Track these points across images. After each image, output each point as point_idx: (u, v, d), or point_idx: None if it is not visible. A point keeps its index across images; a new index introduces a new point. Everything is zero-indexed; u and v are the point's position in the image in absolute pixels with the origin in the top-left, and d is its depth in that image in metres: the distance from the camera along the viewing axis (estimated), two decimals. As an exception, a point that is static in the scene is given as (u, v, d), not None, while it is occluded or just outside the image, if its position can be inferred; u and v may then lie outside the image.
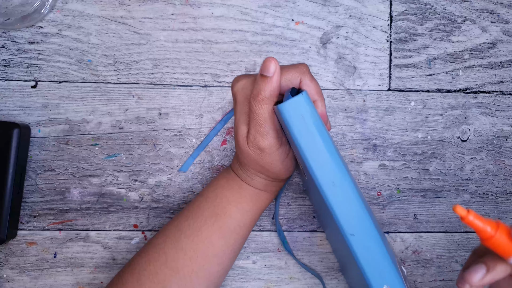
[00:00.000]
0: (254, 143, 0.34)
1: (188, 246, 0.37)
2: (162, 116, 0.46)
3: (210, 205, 0.39)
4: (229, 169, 0.41)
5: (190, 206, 0.40)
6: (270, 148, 0.34)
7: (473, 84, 0.47)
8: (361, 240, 0.29)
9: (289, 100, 0.30)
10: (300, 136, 0.30)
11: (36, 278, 0.44)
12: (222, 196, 0.39)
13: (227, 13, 0.46)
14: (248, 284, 0.45)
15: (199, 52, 0.46)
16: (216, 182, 0.40)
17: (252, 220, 0.40)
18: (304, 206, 0.46)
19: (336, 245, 0.38)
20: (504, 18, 0.48)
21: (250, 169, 0.38)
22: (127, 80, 0.45)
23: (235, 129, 0.36)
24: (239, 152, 0.37)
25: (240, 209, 0.39)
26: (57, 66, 0.45)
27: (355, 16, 0.47)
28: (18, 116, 0.45)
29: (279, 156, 0.35)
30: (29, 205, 0.44)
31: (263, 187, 0.39)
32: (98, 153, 0.45)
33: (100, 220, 0.45)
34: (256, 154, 0.35)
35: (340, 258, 0.41)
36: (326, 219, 0.36)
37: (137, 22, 0.46)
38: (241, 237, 0.40)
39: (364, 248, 0.29)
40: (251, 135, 0.34)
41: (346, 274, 0.43)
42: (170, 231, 0.39)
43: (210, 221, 0.38)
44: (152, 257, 0.37)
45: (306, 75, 0.34)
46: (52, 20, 0.45)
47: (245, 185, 0.39)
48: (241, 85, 0.35)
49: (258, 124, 0.33)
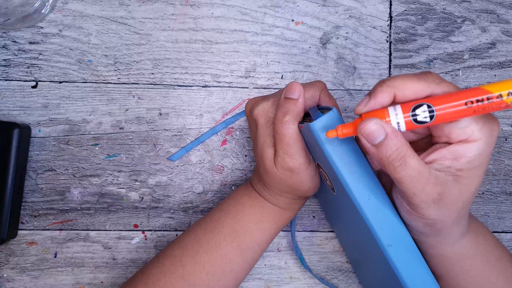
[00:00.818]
0: (283, 165, 0.34)
1: (206, 261, 0.37)
2: (162, 116, 0.46)
3: (230, 221, 0.38)
4: (249, 186, 0.40)
5: (208, 219, 0.39)
6: (299, 168, 0.34)
7: (472, 84, 0.47)
8: (399, 250, 0.30)
9: (321, 118, 0.30)
10: (334, 153, 0.30)
11: (37, 278, 0.44)
12: (242, 213, 0.38)
13: (227, 13, 0.46)
14: (248, 284, 0.45)
15: (199, 52, 0.46)
16: (237, 198, 0.40)
17: (271, 238, 0.40)
18: (304, 206, 0.46)
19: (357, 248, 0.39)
20: (504, 18, 0.48)
21: (277, 190, 0.37)
22: (127, 80, 0.46)
23: (258, 152, 0.36)
24: (264, 174, 0.36)
25: (261, 228, 0.38)
26: (57, 66, 0.45)
27: (355, 16, 0.47)
28: (19, 116, 0.45)
29: (308, 175, 0.35)
30: (29, 205, 0.45)
31: (287, 206, 0.39)
32: (99, 153, 0.45)
33: (100, 220, 0.45)
34: (285, 175, 0.35)
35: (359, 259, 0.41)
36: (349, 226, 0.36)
37: (137, 22, 0.46)
38: (258, 254, 0.40)
39: (403, 258, 0.30)
40: (279, 157, 0.34)
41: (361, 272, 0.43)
42: (188, 243, 0.38)
43: (230, 237, 0.38)
44: (167, 269, 0.37)
45: (324, 92, 0.35)
46: (53, 20, 0.45)
47: (268, 204, 0.39)
48: (262, 108, 0.35)
49: (286, 146, 0.33)
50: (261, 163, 0.36)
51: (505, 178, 0.47)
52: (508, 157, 0.47)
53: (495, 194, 0.47)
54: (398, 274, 0.30)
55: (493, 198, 0.47)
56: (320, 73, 0.46)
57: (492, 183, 0.47)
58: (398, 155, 0.26)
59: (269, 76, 0.46)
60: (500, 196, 0.47)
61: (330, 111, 0.31)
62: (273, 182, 0.36)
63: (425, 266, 0.30)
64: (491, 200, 0.47)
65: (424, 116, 0.26)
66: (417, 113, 0.26)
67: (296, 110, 0.33)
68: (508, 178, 0.47)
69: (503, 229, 0.46)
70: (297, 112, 0.33)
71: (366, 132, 0.26)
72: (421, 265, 0.30)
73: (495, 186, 0.47)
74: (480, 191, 0.47)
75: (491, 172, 0.47)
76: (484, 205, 0.47)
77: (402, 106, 0.27)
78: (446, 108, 0.25)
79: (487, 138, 0.27)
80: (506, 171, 0.47)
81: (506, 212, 0.46)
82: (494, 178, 0.47)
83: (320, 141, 0.30)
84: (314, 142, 0.31)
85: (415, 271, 0.30)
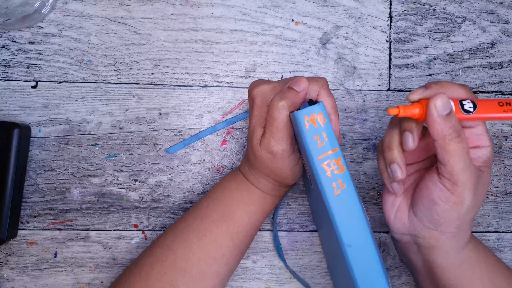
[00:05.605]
0: (268, 147, 0.35)
1: (196, 247, 0.37)
2: (162, 116, 0.46)
3: (218, 207, 0.39)
4: (237, 171, 0.41)
5: (198, 206, 0.40)
6: (282, 154, 0.35)
7: (472, 84, 0.47)
8: (357, 251, 0.30)
9: (306, 108, 0.31)
10: (311, 143, 0.31)
11: (37, 278, 0.44)
12: (230, 198, 0.39)
13: (227, 13, 0.46)
14: (248, 284, 0.45)
15: (199, 52, 0.46)
16: (225, 184, 0.40)
17: (259, 222, 0.41)
18: (304, 206, 0.46)
19: (329, 248, 0.39)
20: (504, 18, 0.48)
21: (259, 172, 0.38)
22: (127, 80, 0.46)
23: (250, 130, 0.37)
24: (251, 153, 0.37)
25: (248, 212, 0.39)
26: (57, 66, 0.45)
27: (354, 17, 0.47)
28: (19, 116, 0.45)
29: (289, 163, 0.36)
30: (29, 205, 0.45)
31: (269, 190, 0.39)
32: (99, 153, 0.45)
33: (100, 220, 0.45)
34: (267, 158, 0.36)
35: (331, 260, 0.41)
36: (324, 223, 0.36)
37: (137, 22, 0.46)
38: (248, 239, 0.40)
39: (359, 260, 0.30)
40: (265, 139, 0.35)
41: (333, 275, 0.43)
42: (178, 231, 0.39)
43: (219, 222, 0.38)
44: (160, 257, 0.37)
45: (324, 89, 0.36)
46: (53, 20, 0.45)
47: (253, 188, 0.39)
48: (261, 90, 0.36)
49: (275, 129, 0.34)
50: (250, 141, 0.37)
51: (505, 178, 0.47)
52: (508, 157, 0.47)
53: (495, 194, 0.47)
54: (353, 275, 0.30)
55: (493, 198, 0.47)
56: (320, 73, 0.46)
57: (492, 183, 0.47)
58: (457, 128, 0.30)
59: (269, 76, 0.46)
60: (500, 196, 0.47)
61: (316, 104, 0.32)
62: (257, 163, 0.37)
63: (381, 269, 0.30)
64: (491, 200, 0.47)
65: (469, 106, 0.31)
66: (464, 103, 0.31)
67: (294, 100, 0.34)
68: (508, 178, 0.47)
69: (503, 229, 0.46)
70: (294, 102, 0.34)
71: (439, 103, 0.30)
72: (377, 269, 0.30)
73: (495, 186, 0.47)
74: (480, 191, 0.47)
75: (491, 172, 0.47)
76: (484, 205, 0.47)
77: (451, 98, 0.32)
78: (485, 103, 0.31)
79: (492, 147, 0.33)
80: (506, 171, 0.47)
81: (506, 212, 0.46)
82: (494, 178, 0.47)
83: (300, 128, 0.31)
84: (297, 131, 0.32)
85: (369, 275, 0.30)
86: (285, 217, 0.46)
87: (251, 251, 0.45)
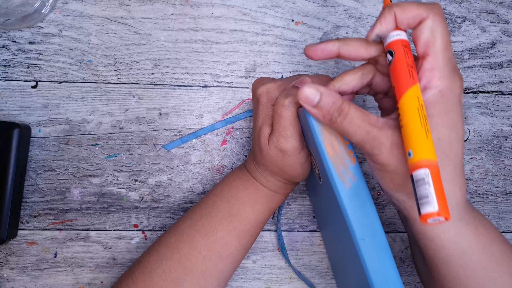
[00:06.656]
0: (277, 145, 0.35)
1: (202, 245, 0.37)
2: (162, 116, 0.46)
3: (225, 205, 0.39)
4: (243, 169, 0.41)
5: (203, 204, 0.40)
6: (291, 151, 0.35)
7: (472, 84, 0.47)
8: (370, 245, 0.30)
9: None
10: (323, 139, 0.31)
11: (37, 278, 0.44)
12: (237, 197, 0.39)
13: (227, 13, 0.46)
14: (248, 284, 0.45)
15: (199, 52, 0.46)
16: (231, 182, 0.40)
17: (264, 220, 0.40)
18: (304, 206, 0.46)
19: (336, 246, 0.39)
20: (504, 18, 0.48)
21: (267, 170, 0.38)
22: (127, 80, 0.46)
23: (256, 129, 0.37)
24: (258, 153, 0.37)
25: (255, 210, 0.39)
26: (57, 66, 0.45)
27: (355, 17, 0.47)
28: (19, 116, 0.45)
29: (299, 160, 0.36)
30: (29, 205, 0.45)
31: (277, 189, 0.39)
32: (98, 153, 0.45)
33: (100, 220, 0.45)
34: (277, 156, 0.35)
35: (336, 259, 0.41)
36: (331, 221, 0.36)
37: (137, 22, 0.46)
38: (253, 237, 0.40)
39: (372, 253, 0.30)
40: (274, 137, 0.35)
41: (338, 275, 0.43)
42: (183, 229, 0.38)
43: (226, 221, 0.38)
44: (164, 255, 0.37)
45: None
46: (53, 20, 0.45)
47: (260, 187, 0.39)
48: (266, 88, 0.36)
49: (283, 127, 0.34)
50: (257, 140, 0.37)
51: (505, 178, 0.47)
52: (508, 157, 0.47)
53: (495, 194, 0.47)
54: (365, 269, 0.29)
55: (493, 198, 0.47)
56: (320, 73, 0.46)
57: (492, 183, 0.47)
58: (335, 106, 0.28)
59: (269, 76, 0.46)
60: (500, 196, 0.47)
61: None
62: (265, 161, 0.37)
63: (393, 264, 0.30)
64: (491, 200, 0.47)
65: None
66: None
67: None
68: (508, 178, 0.47)
69: (503, 229, 0.46)
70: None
71: (303, 97, 0.28)
72: (390, 262, 0.30)
73: (495, 186, 0.47)
74: (480, 191, 0.47)
75: (491, 172, 0.47)
76: (484, 205, 0.47)
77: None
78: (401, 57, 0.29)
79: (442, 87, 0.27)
80: (506, 171, 0.47)
81: (506, 212, 0.46)
82: (494, 178, 0.47)
83: (311, 124, 0.31)
84: (307, 127, 0.32)
85: (382, 267, 0.29)
86: (285, 217, 0.46)
87: (251, 251, 0.45)
